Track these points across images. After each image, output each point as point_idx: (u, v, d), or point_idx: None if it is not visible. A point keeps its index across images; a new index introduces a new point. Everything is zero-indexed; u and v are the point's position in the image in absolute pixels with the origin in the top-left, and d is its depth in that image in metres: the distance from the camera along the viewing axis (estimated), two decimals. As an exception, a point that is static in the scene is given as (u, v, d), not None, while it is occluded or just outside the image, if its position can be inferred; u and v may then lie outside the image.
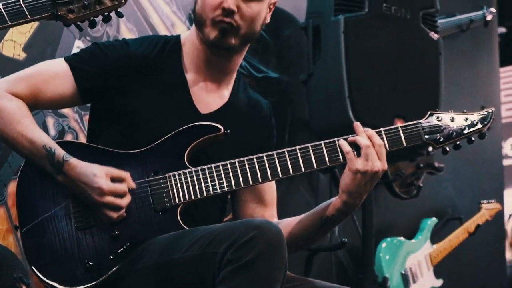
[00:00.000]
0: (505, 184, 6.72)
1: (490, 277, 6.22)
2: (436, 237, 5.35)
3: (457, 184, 5.91)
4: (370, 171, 2.58)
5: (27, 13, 2.24)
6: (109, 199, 2.54)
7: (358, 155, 2.59)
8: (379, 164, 2.59)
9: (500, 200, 6.25)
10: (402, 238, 5.06)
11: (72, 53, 3.41)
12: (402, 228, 5.27)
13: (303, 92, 4.45)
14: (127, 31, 3.96)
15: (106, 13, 2.40)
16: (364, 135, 2.61)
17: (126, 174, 2.59)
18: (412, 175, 5.08)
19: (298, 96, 4.61)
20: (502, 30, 11.52)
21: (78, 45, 3.83)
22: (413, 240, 5.18)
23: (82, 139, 3.71)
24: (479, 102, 5.55)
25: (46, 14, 2.28)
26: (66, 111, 3.71)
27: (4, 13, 2.20)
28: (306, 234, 2.75)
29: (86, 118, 3.77)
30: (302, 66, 4.53)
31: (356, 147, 2.61)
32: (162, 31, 4.19)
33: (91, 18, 2.38)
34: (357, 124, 2.66)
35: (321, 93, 4.29)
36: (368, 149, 2.58)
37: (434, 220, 5.36)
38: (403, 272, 4.88)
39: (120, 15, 2.46)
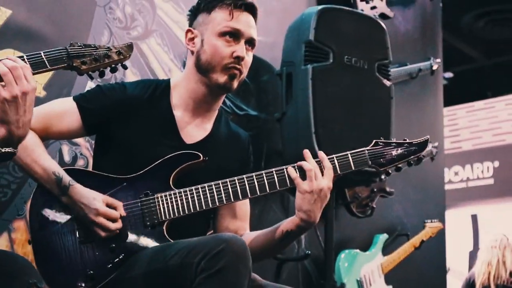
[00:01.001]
0: (446, 206, 6.72)
1: (433, 285, 6.21)
2: (386, 250, 5.34)
3: (405, 206, 5.90)
4: (316, 190, 2.59)
5: (47, 63, 2.25)
6: (102, 220, 2.56)
7: (304, 178, 2.59)
8: (323, 182, 2.60)
9: (442, 219, 6.26)
10: (358, 250, 5.06)
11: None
12: (358, 241, 5.26)
13: (277, 128, 4.45)
14: (132, 75, 3.96)
15: (113, 65, 2.41)
16: (310, 160, 2.64)
17: (119, 203, 2.62)
18: (367, 197, 5.08)
19: (273, 131, 4.61)
20: (449, 74, 11.59)
21: (90, 86, 3.82)
22: (367, 252, 5.17)
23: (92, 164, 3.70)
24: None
25: (63, 65, 2.30)
26: (78, 140, 3.70)
27: (27, 63, 2.20)
28: (270, 245, 2.76)
29: (95, 146, 3.77)
30: (277, 106, 4.54)
31: (303, 171, 2.61)
32: (161, 75, 4.19)
33: (101, 69, 2.40)
34: (306, 151, 2.68)
35: (292, 129, 4.29)
36: (311, 171, 2.60)
37: (385, 235, 5.36)
38: (359, 279, 4.87)
39: (124, 67, 2.47)
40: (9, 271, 2.14)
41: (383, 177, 3.06)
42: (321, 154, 2.67)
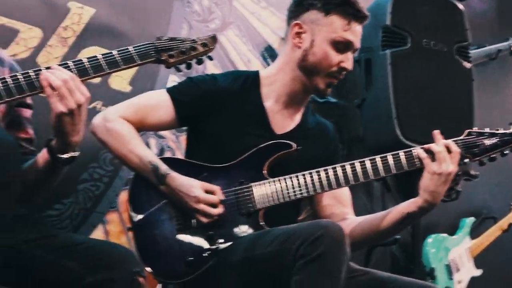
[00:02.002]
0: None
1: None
2: (473, 233, 5.29)
3: (490, 188, 5.83)
4: (444, 173, 2.61)
5: (136, 58, 2.32)
6: (203, 206, 2.61)
7: (433, 160, 2.62)
8: (451, 167, 2.63)
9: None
10: (445, 235, 5.02)
11: (166, 85, 3.53)
12: (444, 226, 5.23)
13: (357, 114, 4.46)
14: (212, 67, 4.03)
15: (199, 57, 2.46)
16: (440, 142, 2.65)
17: (217, 188, 2.66)
18: (452, 181, 5.04)
19: (353, 117, 4.61)
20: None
21: (172, 79, 3.92)
22: (454, 236, 5.13)
23: (178, 156, 3.80)
24: (507, 120, 5.49)
25: (151, 59, 2.35)
26: (164, 133, 3.81)
27: (118, 58, 2.27)
28: (383, 229, 2.76)
29: (181, 138, 3.87)
30: (356, 92, 4.54)
31: (431, 153, 2.64)
32: (240, 66, 4.26)
33: (187, 61, 2.45)
34: (436, 132, 2.69)
35: (373, 115, 4.30)
36: (440, 153, 2.62)
37: (471, 219, 5.30)
38: (447, 263, 4.85)
39: (210, 59, 2.52)
40: (112, 261, 2.20)
41: (466, 160, 3.04)
42: (445, 140, 2.67)
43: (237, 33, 4.30)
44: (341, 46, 2.78)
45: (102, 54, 2.25)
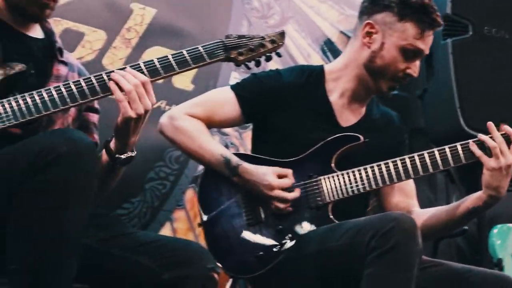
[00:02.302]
0: None
1: None
2: (540, 224, 5.21)
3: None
4: (504, 166, 2.57)
5: (206, 57, 2.33)
6: (278, 192, 2.63)
7: (490, 155, 2.59)
8: (510, 158, 2.57)
9: None
10: (510, 225, 4.96)
11: (229, 82, 3.56)
12: (509, 216, 5.16)
13: (418, 105, 4.43)
14: (273, 62, 4.02)
15: (268, 54, 2.46)
16: (495, 134, 2.60)
17: (289, 171, 2.68)
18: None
19: (414, 109, 4.59)
20: None
21: (234, 76, 3.96)
22: (520, 227, 5.06)
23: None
24: None
25: (221, 57, 2.36)
26: (228, 130, 3.84)
27: (188, 57, 2.30)
28: (449, 222, 2.75)
29: (244, 135, 3.90)
30: (418, 83, 4.50)
31: (487, 148, 2.60)
32: (300, 61, 4.27)
33: (256, 58, 2.44)
34: (490, 124, 2.63)
35: (435, 105, 4.27)
36: (496, 149, 2.57)
37: (538, 209, 5.23)
38: (514, 254, 4.79)
39: (279, 55, 2.51)
40: (187, 258, 2.23)
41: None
42: (507, 127, 2.63)
43: (296, 28, 4.31)
44: (411, 53, 2.75)
45: (172, 54, 2.27)
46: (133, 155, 2.28)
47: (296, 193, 2.65)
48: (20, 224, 1.79)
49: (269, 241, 2.67)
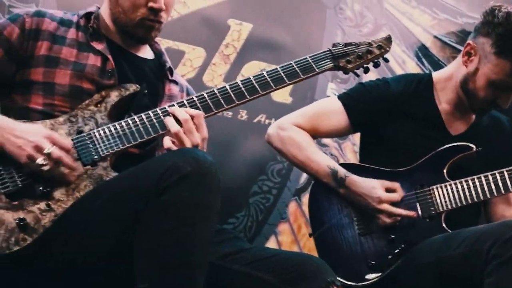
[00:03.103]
0: None
1: None
2: None
3: None
4: None
5: (314, 67, 2.31)
6: (386, 206, 2.62)
7: None
8: None
9: None
10: None
11: (326, 93, 3.56)
12: None
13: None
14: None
15: (375, 60, 2.44)
16: None
17: (397, 185, 2.67)
18: None
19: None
20: None
21: (331, 87, 3.95)
22: None
23: (341, 163, 3.82)
24: None
25: (329, 66, 2.34)
26: (327, 141, 3.84)
27: (297, 69, 2.30)
28: None
29: (344, 146, 3.89)
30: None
31: None
32: (396, 68, 4.23)
33: (365, 65, 2.42)
34: None
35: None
36: None
37: None
38: None
39: (386, 61, 2.46)
40: (307, 271, 2.21)
41: None
42: None
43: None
44: (501, 87, 2.69)
45: (280, 67, 2.27)
46: None
47: (403, 210, 2.64)
48: (148, 244, 1.81)
49: (381, 250, 2.66)
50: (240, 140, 3.61)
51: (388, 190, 2.66)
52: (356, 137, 3.47)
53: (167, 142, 2.08)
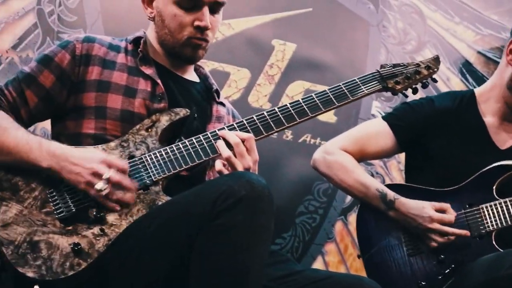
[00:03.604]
0: None
1: None
2: None
3: None
4: None
5: (363, 88, 2.30)
6: (438, 226, 2.60)
7: None
8: None
9: None
10: None
11: (371, 112, 3.55)
12: None
13: None
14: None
15: (424, 81, 2.43)
16: None
17: (447, 205, 2.65)
18: None
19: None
20: None
21: (376, 105, 3.95)
22: None
23: (387, 182, 3.81)
24: None
25: (378, 88, 2.33)
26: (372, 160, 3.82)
27: (346, 91, 2.30)
28: None
29: (389, 164, 3.88)
30: None
31: None
32: (440, 85, 4.21)
33: (413, 86, 2.40)
34: None
35: None
36: None
37: None
38: None
39: (435, 81, 2.45)
40: None
41: None
42: None
43: (434, 52, 4.27)
44: None
45: (329, 89, 2.27)
46: None
47: (455, 229, 2.62)
48: (203, 268, 1.82)
49: (431, 271, 2.64)
50: (285, 160, 3.62)
51: (438, 211, 2.64)
52: (402, 155, 3.46)
53: (219, 165, 2.09)
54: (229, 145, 2.10)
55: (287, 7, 3.75)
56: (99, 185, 1.99)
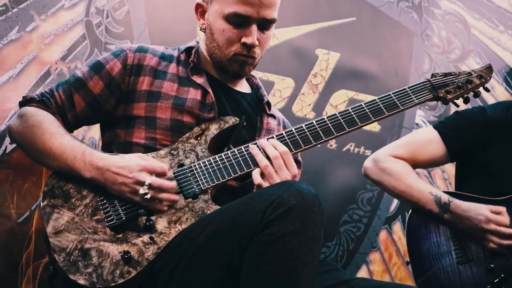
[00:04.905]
0: None
1: None
2: None
3: None
4: None
5: (414, 98, 2.28)
6: (494, 226, 2.57)
7: None
8: None
9: None
10: None
11: (415, 121, 3.52)
12: None
13: None
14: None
15: (476, 90, 2.40)
16: None
17: (503, 208, 2.62)
18: None
19: None
20: None
21: (419, 114, 3.92)
22: None
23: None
24: None
25: (429, 97, 2.30)
26: (417, 169, 3.77)
27: (396, 100, 2.27)
28: None
29: (433, 173, 3.85)
30: None
31: None
32: (485, 93, 4.14)
33: (465, 95, 2.38)
34: None
35: None
36: None
37: None
38: None
39: (487, 90, 2.43)
40: None
41: None
42: None
43: (478, 61, 4.22)
44: None
45: (379, 98, 2.25)
46: None
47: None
48: (254, 278, 1.80)
49: (480, 280, 2.60)
50: (329, 169, 3.60)
51: (494, 213, 2.60)
52: (446, 165, 3.42)
53: (258, 178, 2.08)
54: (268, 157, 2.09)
55: (331, 16, 3.73)
56: (142, 190, 2.00)
